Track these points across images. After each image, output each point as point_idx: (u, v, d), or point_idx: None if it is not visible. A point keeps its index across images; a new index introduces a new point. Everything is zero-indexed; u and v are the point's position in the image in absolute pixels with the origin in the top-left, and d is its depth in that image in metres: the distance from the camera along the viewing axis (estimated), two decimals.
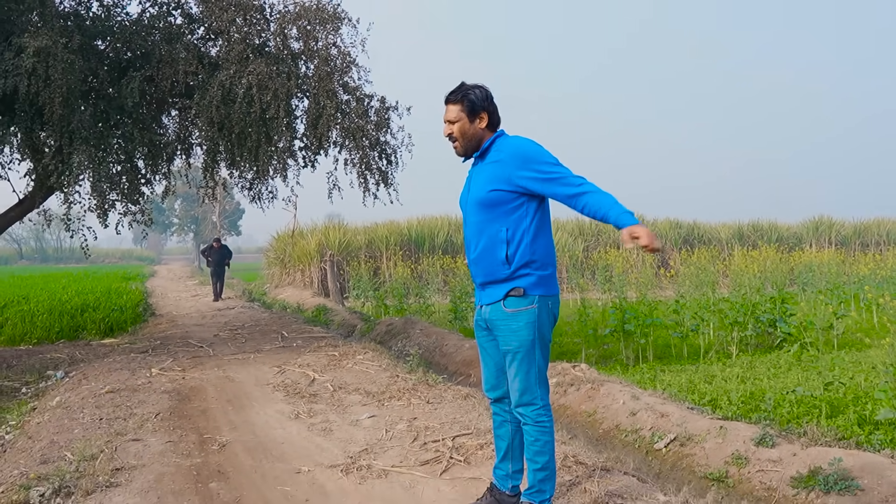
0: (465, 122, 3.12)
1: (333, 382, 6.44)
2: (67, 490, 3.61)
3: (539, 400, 3.04)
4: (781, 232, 31.15)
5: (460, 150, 3.19)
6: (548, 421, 3.05)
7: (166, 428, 4.93)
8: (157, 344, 9.69)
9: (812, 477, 4.73)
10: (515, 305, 3.02)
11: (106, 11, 9.15)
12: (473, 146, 3.16)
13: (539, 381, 3.05)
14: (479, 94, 3.13)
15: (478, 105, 3.12)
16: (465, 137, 3.14)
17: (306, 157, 9.99)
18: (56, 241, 79.66)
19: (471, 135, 3.14)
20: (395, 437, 4.59)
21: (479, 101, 3.12)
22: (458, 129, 3.14)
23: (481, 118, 3.13)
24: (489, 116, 3.15)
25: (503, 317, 3.05)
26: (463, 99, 3.12)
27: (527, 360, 3.03)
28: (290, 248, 25.54)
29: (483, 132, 3.16)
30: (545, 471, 3.05)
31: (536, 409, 3.04)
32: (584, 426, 6.77)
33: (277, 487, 3.72)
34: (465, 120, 3.12)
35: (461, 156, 3.22)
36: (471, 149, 3.17)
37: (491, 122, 3.17)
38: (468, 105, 3.11)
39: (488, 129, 3.17)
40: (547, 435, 3.04)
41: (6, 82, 7.35)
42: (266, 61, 8.58)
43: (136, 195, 9.23)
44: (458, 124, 3.13)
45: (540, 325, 3.04)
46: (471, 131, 3.14)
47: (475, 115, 3.12)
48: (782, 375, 8.32)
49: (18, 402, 6.68)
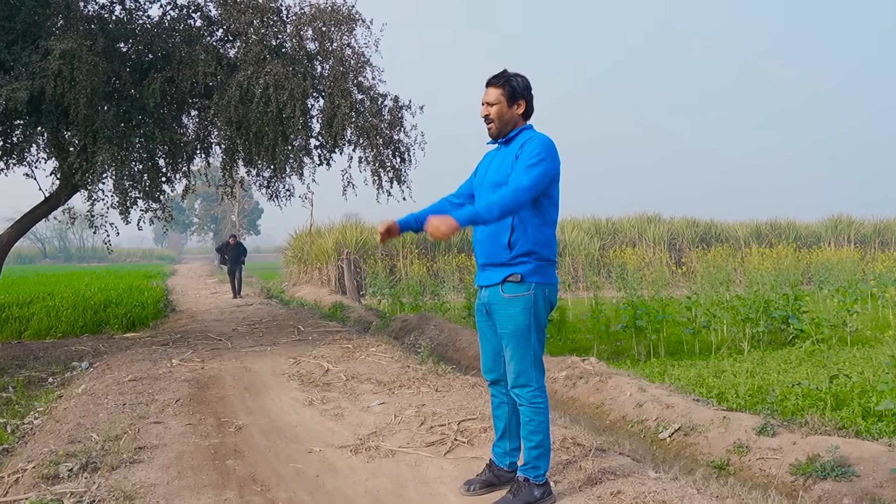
0: (504, 106, 3.29)
1: (346, 372, 6.66)
2: (94, 465, 3.84)
3: (534, 382, 3.21)
4: (800, 230, 30.99)
5: (494, 131, 3.34)
6: (542, 402, 3.22)
7: (186, 412, 5.17)
8: (178, 337, 9.98)
9: (810, 464, 4.85)
10: (513, 291, 3.19)
11: (128, 15, 9.44)
12: (506, 130, 3.32)
13: (534, 364, 3.22)
14: (521, 82, 3.31)
15: (518, 92, 3.29)
16: (502, 120, 3.30)
17: (322, 156, 10.22)
18: (79, 241, 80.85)
19: (507, 119, 3.30)
20: (404, 421, 4.78)
21: (520, 89, 3.30)
22: (496, 112, 3.30)
23: (519, 105, 3.31)
24: (526, 105, 3.33)
25: (501, 301, 3.22)
26: (505, 84, 3.28)
27: (523, 344, 3.19)
28: (307, 246, 25.85)
29: (518, 118, 3.33)
30: (539, 448, 3.22)
31: (532, 391, 3.21)
32: (591, 417, 6.91)
33: (290, 464, 3.94)
34: (504, 104, 3.28)
35: (493, 137, 3.37)
36: (503, 132, 3.33)
37: (527, 110, 3.35)
38: (509, 90, 3.28)
39: (523, 116, 3.34)
40: (542, 415, 3.21)
41: (33, 84, 7.62)
42: (282, 62, 8.81)
43: (156, 193, 9.50)
44: (496, 107, 3.29)
45: (536, 311, 3.20)
46: (507, 115, 3.30)
47: (514, 101, 3.29)
48: (792, 371, 8.38)
49: (45, 390, 6.96)
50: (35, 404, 6.30)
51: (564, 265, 26.49)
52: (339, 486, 3.58)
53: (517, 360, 3.21)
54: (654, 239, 29.19)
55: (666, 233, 29.59)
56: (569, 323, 13.40)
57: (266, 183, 11.09)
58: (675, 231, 29.92)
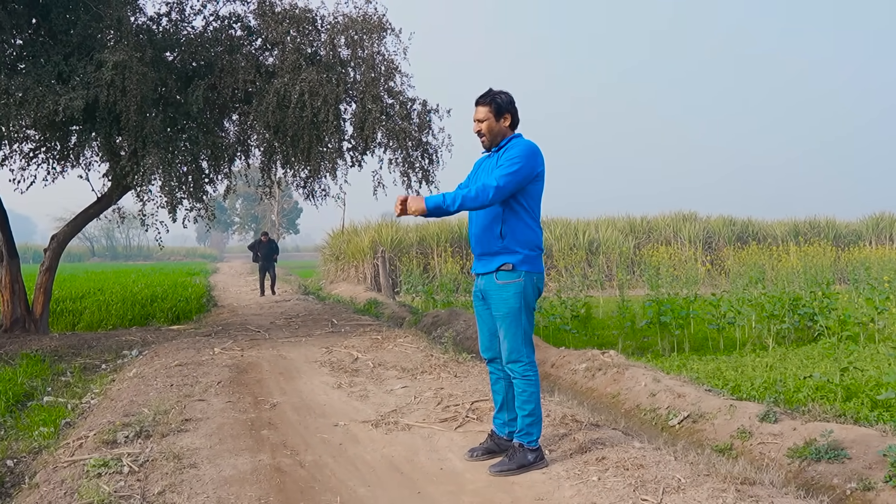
0: (492, 121, 3.75)
1: (374, 360, 7.14)
2: (147, 433, 4.38)
3: (525, 357, 3.65)
4: (839, 229, 30.58)
5: (487, 143, 3.81)
6: (533, 375, 3.66)
7: (226, 392, 5.70)
8: (219, 329, 10.60)
9: (806, 447, 5.12)
10: (505, 278, 3.64)
11: (174, 26, 10.06)
12: (497, 141, 3.79)
13: (525, 341, 3.66)
14: (504, 98, 3.77)
15: (503, 107, 3.75)
16: (492, 133, 3.77)
17: (354, 157, 10.71)
18: (125, 240, 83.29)
19: (496, 132, 3.77)
20: (422, 402, 5.24)
21: (504, 104, 3.76)
22: (487, 127, 3.76)
23: (505, 118, 3.77)
24: (512, 117, 3.79)
25: (495, 287, 3.67)
26: (491, 101, 3.75)
27: (514, 325, 3.63)
28: (344, 245, 26.50)
29: (506, 130, 3.79)
30: (531, 416, 3.66)
31: (523, 365, 3.65)
32: (608, 406, 7.23)
33: (317, 435, 4.43)
34: (492, 119, 3.75)
35: (487, 149, 3.84)
36: (494, 143, 3.79)
37: (513, 122, 3.80)
38: (495, 107, 3.74)
39: (510, 127, 3.80)
40: (533, 386, 3.65)
41: (88, 93, 8.25)
42: (317, 69, 9.33)
43: (200, 193, 10.11)
44: (486, 123, 3.76)
45: (526, 295, 3.64)
46: (496, 128, 3.76)
47: (501, 115, 3.75)
48: (812, 366, 8.53)
49: (100, 375, 7.58)
50: (91, 387, 6.90)
51: (598, 263, 26.65)
52: (359, 452, 4.05)
53: (510, 338, 3.64)
54: (689, 237, 29.14)
55: (702, 231, 29.51)
56: (596, 319, 13.67)
57: (303, 183, 11.63)
58: (710, 230, 29.82)
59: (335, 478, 3.62)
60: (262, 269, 18.51)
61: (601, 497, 3.16)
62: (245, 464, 3.81)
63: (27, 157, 10.08)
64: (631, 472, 3.37)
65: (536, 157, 3.68)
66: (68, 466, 3.84)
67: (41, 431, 5.08)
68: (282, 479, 3.57)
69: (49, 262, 10.86)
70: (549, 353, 9.20)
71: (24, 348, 9.09)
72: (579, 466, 3.55)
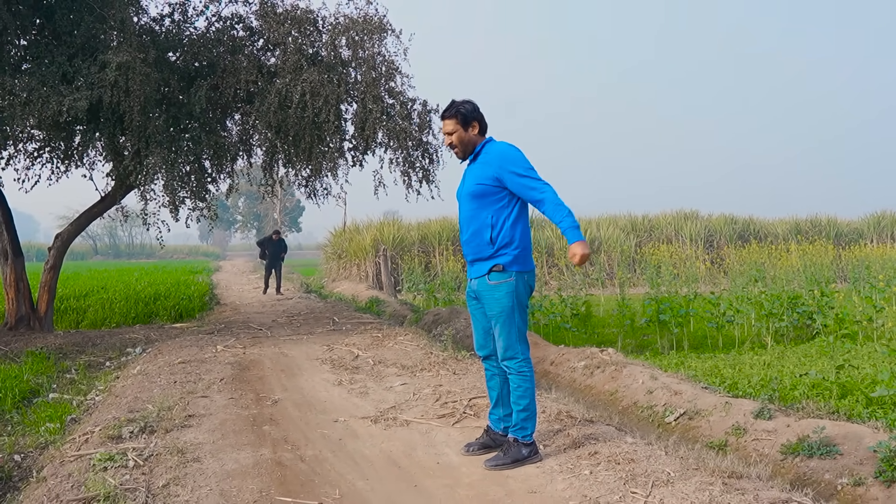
0: (461, 132, 3.85)
1: (374, 358, 7.25)
2: (151, 429, 4.49)
3: (520, 354, 3.75)
4: (840, 227, 30.61)
5: (460, 154, 3.92)
6: (528, 371, 3.76)
7: (229, 389, 5.81)
8: (222, 327, 10.71)
9: (799, 444, 5.20)
10: (497, 279, 3.74)
11: (177, 27, 10.16)
12: (469, 150, 3.89)
13: (519, 338, 3.76)
14: (469, 108, 3.86)
15: (469, 116, 3.84)
16: (463, 144, 3.87)
17: (355, 157, 10.80)
18: (128, 238, 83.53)
19: (466, 141, 3.86)
20: (421, 398, 5.34)
21: (470, 113, 3.84)
22: (457, 139, 3.86)
23: (473, 126, 3.86)
24: (479, 124, 3.88)
25: (488, 288, 3.77)
26: (456, 114, 3.84)
27: (508, 322, 3.73)
28: (346, 243, 26.60)
29: (476, 137, 3.89)
30: (526, 412, 3.76)
31: (518, 362, 3.75)
32: (606, 404, 7.31)
33: (317, 430, 4.53)
34: (461, 130, 3.84)
35: (461, 159, 3.95)
36: (468, 152, 3.90)
37: (481, 128, 3.90)
38: (461, 117, 3.83)
39: (479, 134, 3.89)
40: (527, 382, 3.75)
41: (92, 94, 8.34)
42: (318, 70, 9.41)
43: (203, 192, 10.21)
44: (455, 134, 3.86)
45: (518, 294, 3.74)
46: (466, 138, 3.86)
47: (468, 125, 3.85)
48: (810, 364, 8.58)
49: (104, 372, 7.69)
50: (96, 383, 7.01)
51: (599, 262, 26.72)
52: (358, 447, 4.15)
53: (504, 336, 3.74)
54: (690, 236, 29.20)
55: (703, 230, 29.56)
56: (596, 318, 13.75)
57: (305, 182, 11.72)
58: (712, 228, 29.87)
59: (334, 471, 3.72)
60: (268, 266, 18.37)
61: (592, 490, 3.25)
62: (247, 458, 3.91)
63: (32, 157, 10.19)
64: (622, 466, 3.47)
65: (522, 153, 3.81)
66: (75, 461, 3.94)
67: (47, 427, 5.19)
68: (283, 473, 3.67)
69: (53, 260, 10.98)
70: (549, 351, 9.28)
71: (29, 346, 9.20)
72: (572, 461, 3.65)
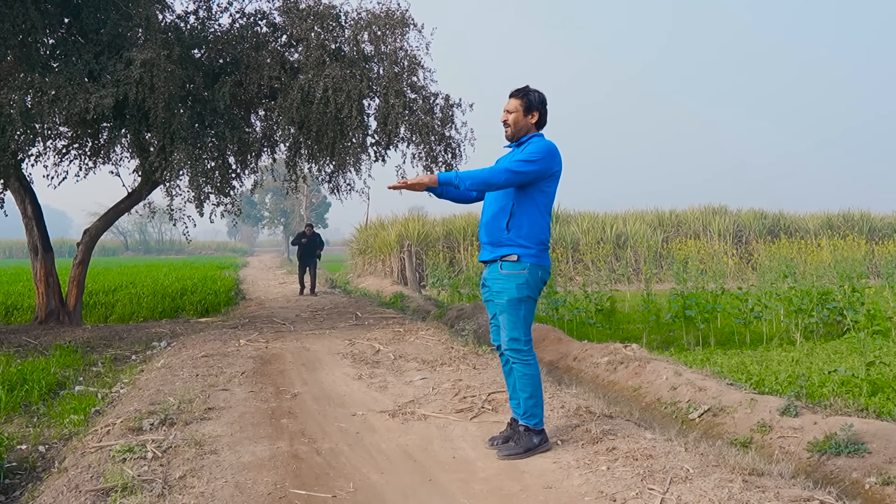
0: (520, 115, 3.86)
1: (395, 352, 7.25)
2: (171, 421, 4.53)
3: (523, 344, 3.76)
4: (874, 222, 29.93)
5: (509, 134, 3.91)
6: (532, 358, 3.78)
7: (249, 382, 5.84)
8: (246, 322, 10.79)
9: (826, 441, 5.09)
10: (510, 269, 3.74)
11: (201, 24, 10.24)
12: (519, 135, 3.89)
13: (524, 328, 3.76)
14: (537, 97, 3.88)
15: (534, 104, 3.86)
16: (517, 126, 3.87)
17: (377, 152, 10.82)
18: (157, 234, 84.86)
19: (521, 125, 3.87)
20: (440, 393, 5.32)
21: (535, 102, 3.87)
22: (513, 119, 3.87)
23: (533, 115, 3.88)
24: (539, 116, 3.90)
25: (498, 277, 3.78)
26: (524, 96, 3.86)
27: (514, 313, 3.74)
28: (371, 239, 26.70)
29: (531, 126, 3.89)
30: (532, 398, 3.77)
31: (522, 352, 3.76)
32: (629, 400, 7.23)
33: (335, 424, 4.53)
34: (521, 112, 3.86)
35: (508, 139, 3.94)
36: (517, 136, 3.89)
37: (539, 121, 3.91)
38: (526, 102, 3.85)
39: (535, 125, 3.90)
40: (532, 369, 3.77)
41: (118, 91, 8.45)
42: (341, 65, 9.43)
43: (227, 188, 10.29)
44: (514, 114, 3.87)
45: (528, 286, 3.73)
46: (522, 122, 3.87)
47: (529, 111, 3.87)
48: (839, 360, 8.43)
49: (130, 365, 7.79)
50: (121, 377, 7.10)
51: (625, 257, 26.49)
52: (375, 441, 4.14)
53: (510, 326, 3.75)
54: (718, 231, 28.79)
55: (732, 225, 29.12)
56: (621, 313, 13.62)
57: (328, 178, 11.77)
58: (741, 223, 29.41)
59: (350, 465, 3.71)
60: (301, 264, 16.92)
61: (609, 486, 3.20)
62: (263, 451, 3.92)
63: (60, 154, 10.36)
64: (640, 462, 3.41)
65: (555, 156, 3.79)
66: (96, 452, 3.99)
67: (71, 419, 5.26)
68: (298, 466, 3.67)
69: (82, 255, 11.15)
70: (572, 346, 9.20)
71: (58, 339, 9.36)
72: (589, 456, 3.60)
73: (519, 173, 3.65)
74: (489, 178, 3.65)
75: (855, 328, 10.26)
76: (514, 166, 3.66)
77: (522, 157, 3.70)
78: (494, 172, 3.66)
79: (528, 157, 3.69)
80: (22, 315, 12.73)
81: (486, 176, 3.65)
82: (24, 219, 10.95)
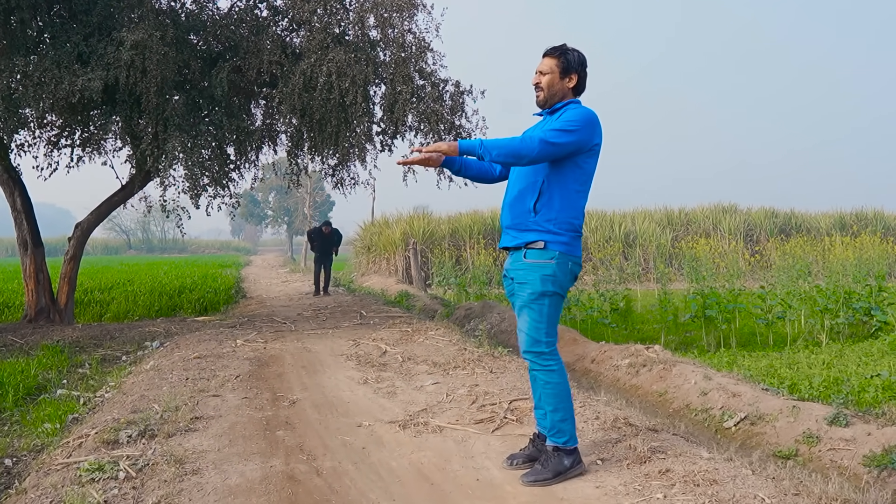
0: (556, 77, 3.27)
1: (403, 354, 6.69)
2: (151, 433, 3.98)
3: (545, 347, 3.17)
4: (888, 221, 29.34)
5: (541, 99, 3.31)
6: (555, 364, 3.18)
7: (244, 387, 5.30)
8: (245, 320, 10.25)
9: (886, 455, 4.58)
10: (535, 258, 3.15)
11: (198, 7, 9.71)
12: (553, 101, 3.30)
13: (548, 331, 3.18)
14: (576, 57, 3.28)
15: (572, 65, 3.27)
16: (551, 90, 3.28)
17: (383, 142, 10.28)
18: (160, 232, 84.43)
19: (556, 89, 3.28)
20: (455, 400, 4.76)
21: (574, 63, 3.27)
22: (547, 81, 3.28)
23: (571, 78, 3.28)
24: (578, 79, 3.30)
25: (521, 267, 3.20)
26: (561, 56, 3.27)
27: (537, 311, 3.16)
28: (375, 237, 26.22)
29: (568, 91, 3.30)
30: (560, 412, 3.18)
31: (544, 356, 3.18)
32: (654, 405, 6.73)
33: (338, 436, 3.97)
34: (556, 74, 3.27)
35: (540, 106, 3.34)
36: (550, 103, 3.30)
37: (578, 86, 3.31)
38: (564, 62, 3.26)
39: (573, 91, 3.31)
40: (556, 377, 3.18)
41: (108, 74, 7.92)
42: (345, 49, 8.87)
43: (225, 180, 9.76)
44: (548, 76, 3.27)
45: (555, 279, 3.15)
46: (557, 86, 3.28)
47: (567, 74, 3.28)
48: (873, 363, 7.96)
49: (118, 367, 7.26)
50: (108, 379, 6.58)
51: (634, 256, 25.98)
52: (383, 458, 3.58)
53: (530, 325, 3.17)
54: (728, 230, 28.25)
55: (742, 223, 28.58)
56: (636, 314, 13.11)
57: (331, 171, 11.25)
58: (752, 222, 28.87)
59: (355, 489, 3.15)
60: (317, 263, 15.93)
61: None
62: (254, 471, 3.36)
63: (51, 144, 9.84)
64: (702, 489, 2.84)
65: (595, 127, 3.20)
66: (61, 469, 3.45)
67: (44, 428, 4.73)
68: (294, 490, 3.10)
69: (73, 250, 10.64)
70: (589, 347, 8.71)
71: (46, 339, 8.86)
72: (639, 480, 3.03)
73: (555, 144, 3.06)
74: (519, 148, 3.05)
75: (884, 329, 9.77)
76: (549, 136, 3.06)
77: (558, 127, 3.10)
78: (526, 142, 3.06)
79: (564, 125, 3.10)
80: (14, 313, 12.23)
81: (516, 146, 3.05)
82: (13, 212, 10.43)
